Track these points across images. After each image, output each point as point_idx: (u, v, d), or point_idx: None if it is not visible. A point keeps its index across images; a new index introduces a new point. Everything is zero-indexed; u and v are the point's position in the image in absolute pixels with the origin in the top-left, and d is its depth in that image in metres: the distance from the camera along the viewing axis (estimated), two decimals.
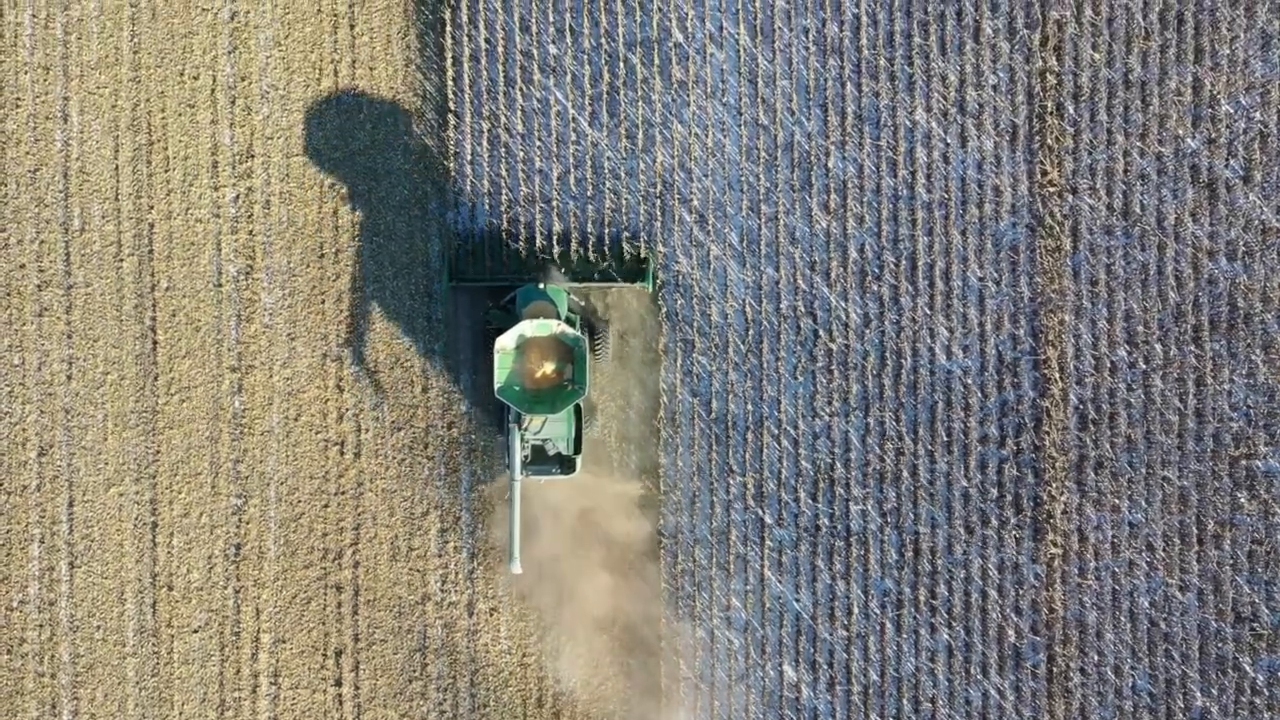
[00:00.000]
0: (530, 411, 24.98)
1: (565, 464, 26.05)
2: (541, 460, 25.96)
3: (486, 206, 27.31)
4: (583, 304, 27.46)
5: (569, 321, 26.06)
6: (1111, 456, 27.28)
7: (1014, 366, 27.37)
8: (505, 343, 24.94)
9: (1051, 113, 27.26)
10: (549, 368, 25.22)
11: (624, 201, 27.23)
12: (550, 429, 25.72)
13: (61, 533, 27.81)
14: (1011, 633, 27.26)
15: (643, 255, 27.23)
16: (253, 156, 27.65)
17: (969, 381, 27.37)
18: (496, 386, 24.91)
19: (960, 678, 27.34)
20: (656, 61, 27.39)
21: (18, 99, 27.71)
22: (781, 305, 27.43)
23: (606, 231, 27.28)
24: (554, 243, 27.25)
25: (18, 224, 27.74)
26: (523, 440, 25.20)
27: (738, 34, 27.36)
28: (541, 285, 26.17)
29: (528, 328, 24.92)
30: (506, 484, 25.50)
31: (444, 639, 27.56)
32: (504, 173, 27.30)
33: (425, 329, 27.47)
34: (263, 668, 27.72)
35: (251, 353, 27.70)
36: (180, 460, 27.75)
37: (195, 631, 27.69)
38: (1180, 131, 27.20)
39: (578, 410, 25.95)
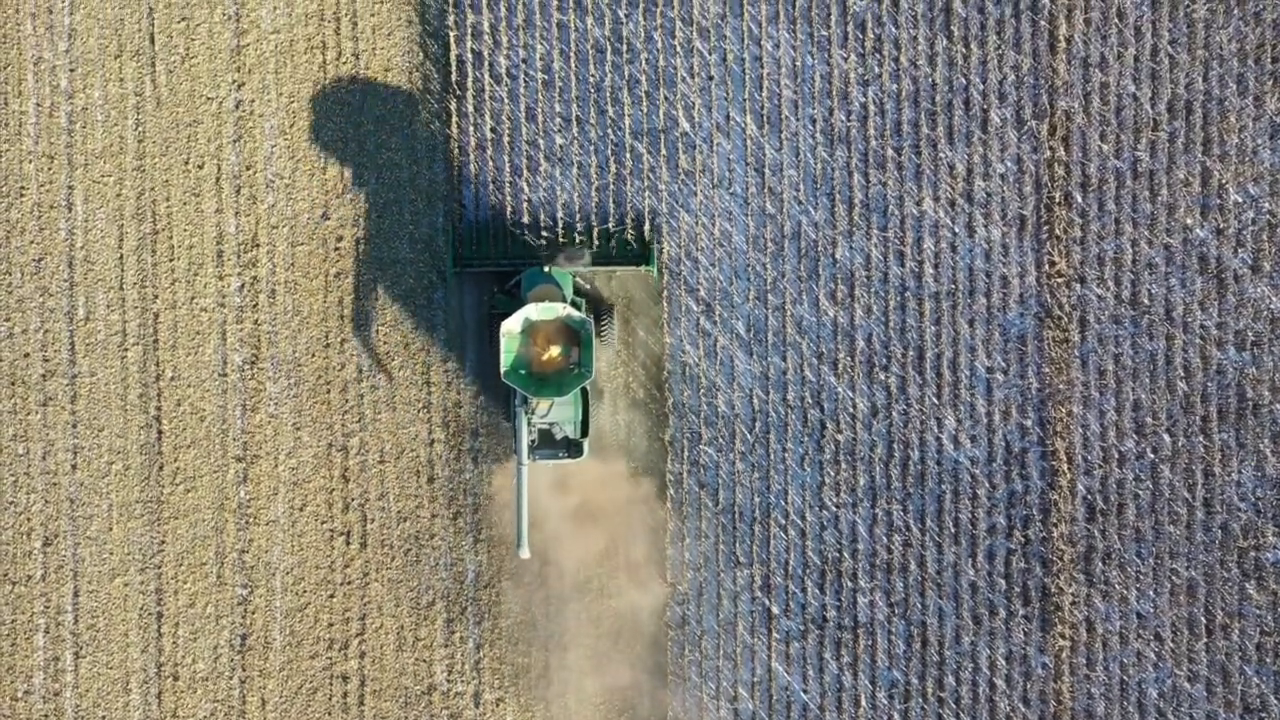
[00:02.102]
0: (536, 395, 24.69)
1: (572, 448, 25.82)
2: (549, 444, 25.75)
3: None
4: (588, 287, 27.25)
5: (574, 305, 25.80)
6: (1119, 547, 27.20)
7: (1022, 457, 27.28)
8: (511, 326, 24.59)
9: (1059, 202, 27.17)
10: (555, 351, 25.00)
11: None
12: (557, 413, 25.44)
13: (66, 623, 27.73)
14: None
15: (648, 239, 27.08)
16: (258, 245, 27.57)
17: (977, 472, 27.29)
18: (502, 370, 24.64)
19: None
20: (663, 151, 27.29)
21: (22, 187, 27.63)
22: (788, 395, 27.35)
23: (611, 217, 27.07)
24: (558, 229, 27.01)
25: (22, 313, 27.66)
26: (529, 424, 25.03)
27: (745, 123, 27.27)
28: (546, 269, 25.90)
29: (533, 311, 24.63)
30: (514, 468, 25.36)
31: None
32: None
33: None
34: None
35: (256, 442, 27.62)
36: (185, 550, 27.67)
37: None
38: (1189, 221, 27.11)
39: (584, 393, 25.71)
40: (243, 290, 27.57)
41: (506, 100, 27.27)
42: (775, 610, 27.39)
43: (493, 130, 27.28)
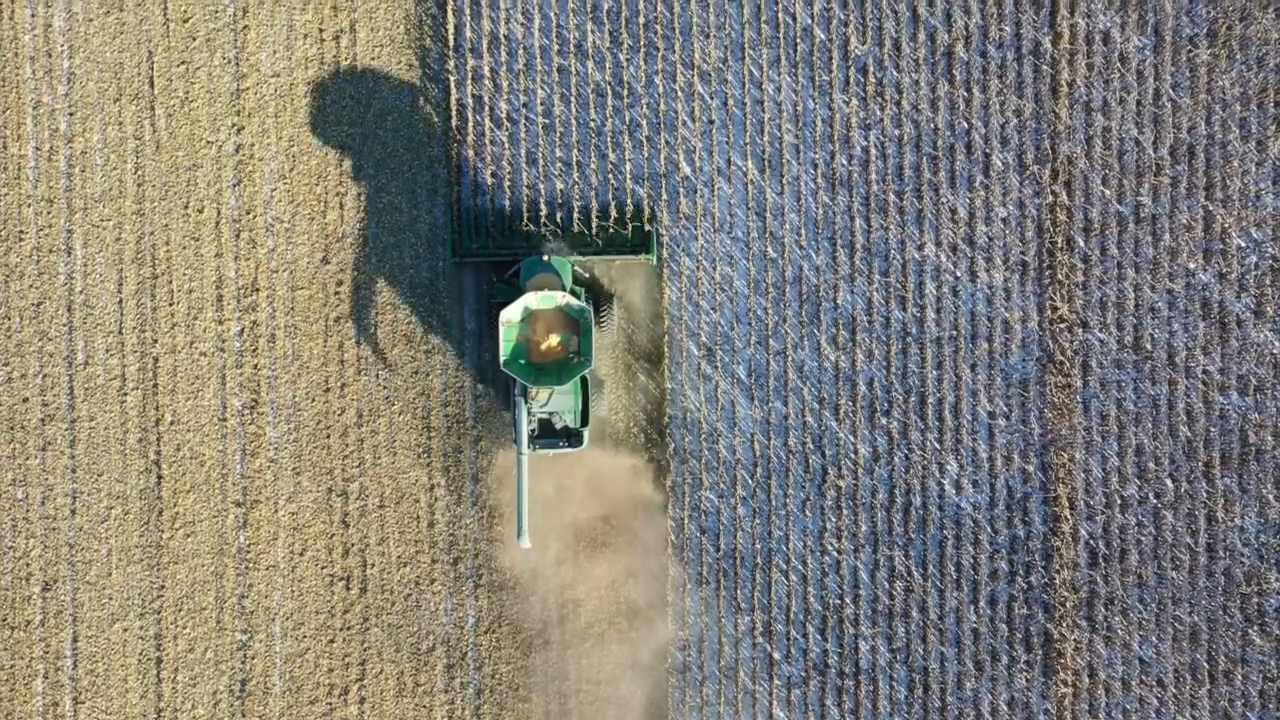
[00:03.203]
0: (536, 384, 24.60)
1: (572, 437, 25.69)
2: (549, 434, 25.61)
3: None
4: (587, 276, 27.19)
5: (573, 293, 25.68)
6: (1122, 593, 27.11)
7: (1024, 502, 27.19)
8: (510, 315, 24.53)
9: (1062, 247, 27.08)
10: (554, 340, 24.91)
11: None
12: (557, 402, 25.30)
13: (66, 668, 27.64)
14: None
15: (646, 227, 27.00)
16: (257, 290, 27.49)
17: (979, 517, 27.20)
18: (501, 359, 24.57)
19: None
20: (664, 195, 27.21)
21: (21, 232, 27.55)
22: (790, 440, 27.26)
23: (611, 204, 26.96)
24: (557, 216, 26.89)
25: (21, 358, 27.58)
26: (529, 414, 24.92)
27: (746, 168, 27.19)
28: (545, 257, 25.78)
29: (532, 300, 24.56)
30: (514, 458, 25.29)
31: None
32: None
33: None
34: None
35: (256, 487, 27.53)
36: (185, 595, 27.59)
37: None
38: (1191, 265, 27.03)
39: (584, 382, 25.59)
40: (242, 335, 27.49)
41: (507, 144, 27.19)
42: (777, 656, 27.31)
43: (493, 175, 27.20)
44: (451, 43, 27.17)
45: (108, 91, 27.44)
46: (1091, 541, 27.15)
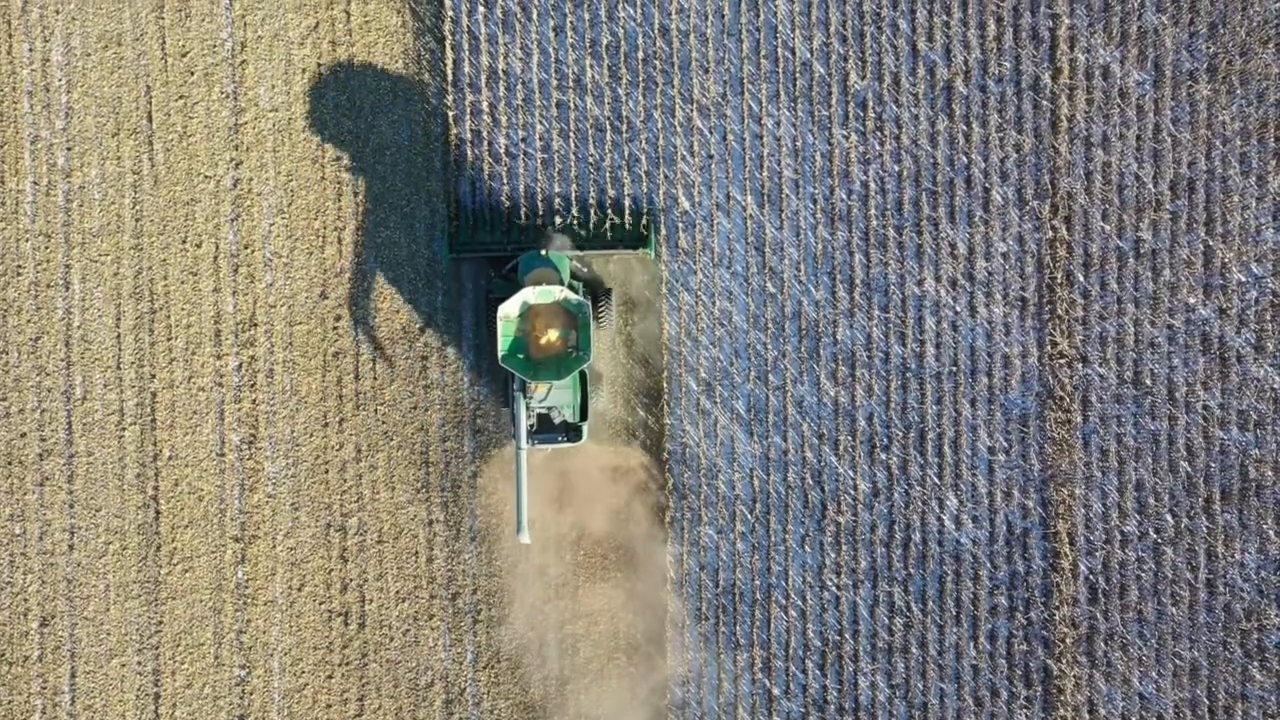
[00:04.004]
0: (535, 379, 24.54)
1: (571, 432, 25.61)
2: (548, 429, 25.57)
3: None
4: (585, 270, 27.10)
5: (571, 288, 25.57)
6: (1122, 629, 27.05)
7: (1024, 538, 27.14)
8: (508, 310, 24.44)
9: (1061, 282, 27.03)
10: (553, 335, 24.80)
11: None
12: (555, 397, 25.23)
13: (64, 704, 27.58)
14: None
15: (644, 221, 26.94)
16: (256, 325, 27.44)
17: (978, 553, 27.15)
18: (500, 354, 24.50)
19: None
20: (663, 230, 27.16)
21: (19, 266, 27.50)
22: (789, 476, 27.21)
23: (608, 198, 26.90)
24: (554, 211, 26.85)
25: (19, 392, 27.53)
26: (528, 409, 24.88)
27: (745, 202, 27.14)
28: (543, 252, 25.64)
29: (530, 294, 24.49)
30: (513, 454, 25.24)
31: None
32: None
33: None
34: None
35: (254, 522, 27.48)
36: (183, 631, 27.53)
37: None
38: (1191, 300, 26.98)
39: (583, 377, 25.50)
40: (241, 370, 27.43)
41: (506, 179, 27.13)
42: (776, 692, 27.25)
43: (490, 209, 27.14)
44: (450, 78, 27.13)
45: (106, 126, 27.38)
46: (1091, 577, 27.10)
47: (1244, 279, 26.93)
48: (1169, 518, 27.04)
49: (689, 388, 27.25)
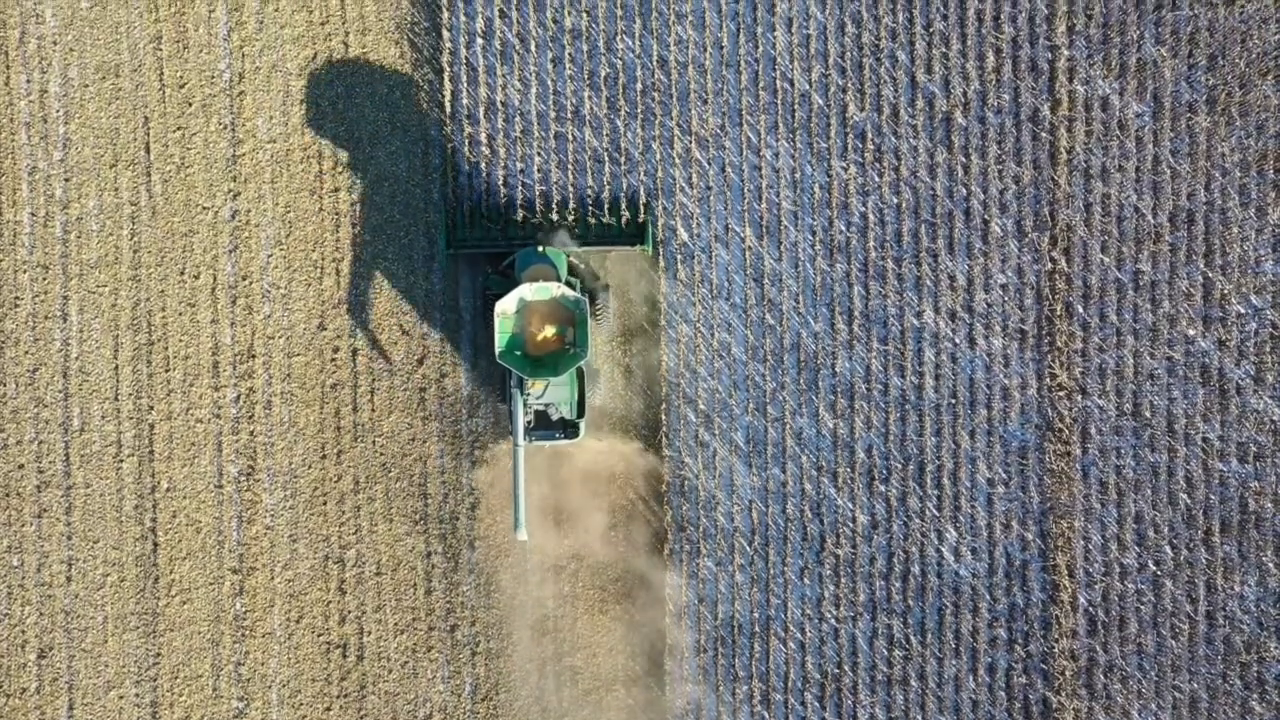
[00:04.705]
0: (532, 376, 24.52)
1: (569, 428, 25.57)
2: (545, 425, 25.51)
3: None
4: (582, 267, 27.02)
5: (568, 284, 25.49)
6: (1121, 661, 27.01)
7: (1023, 570, 27.10)
8: (505, 306, 24.43)
9: (1061, 314, 26.99)
10: (550, 331, 24.82)
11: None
12: (553, 393, 25.17)
13: None
14: None
15: (641, 218, 26.89)
16: (254, 356, 27.39)
17: (977, 585, 27.11)
18: (497, 351, 24.48)
19: None
20: (662, 262, 27.11)
21: (16, 298, 27.46)
22: (788, 508, 27.17)
23: (606, 194, 26.82)
24: (552, 209, 26.75)
25: (16, 424, 27.48)
26: (525, 405, 24.80)
27: (744, 234, 27.10)
28: (540, 248, 25.60)
29: (527, 291, 24.44)
30: (511, 450, 25.20)
31: None
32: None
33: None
34: None
35: (253, 555, 27.43)
36: (181, 663, 27.48)
37: None
38: (1191, 332, 26.94)
39: (580, 374, 25.43)
40: (239, 401, 27.39)
41: (504, 211, 27.07)
42: None
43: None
44: (449, 109, 27.08)
45: (103, 157, 27.34)
46: (1091, 609, 27.06)
47: (1243, 310, 26.89)
48: (1168, 550, 27.00)
49: (688, 419, 27.21)
